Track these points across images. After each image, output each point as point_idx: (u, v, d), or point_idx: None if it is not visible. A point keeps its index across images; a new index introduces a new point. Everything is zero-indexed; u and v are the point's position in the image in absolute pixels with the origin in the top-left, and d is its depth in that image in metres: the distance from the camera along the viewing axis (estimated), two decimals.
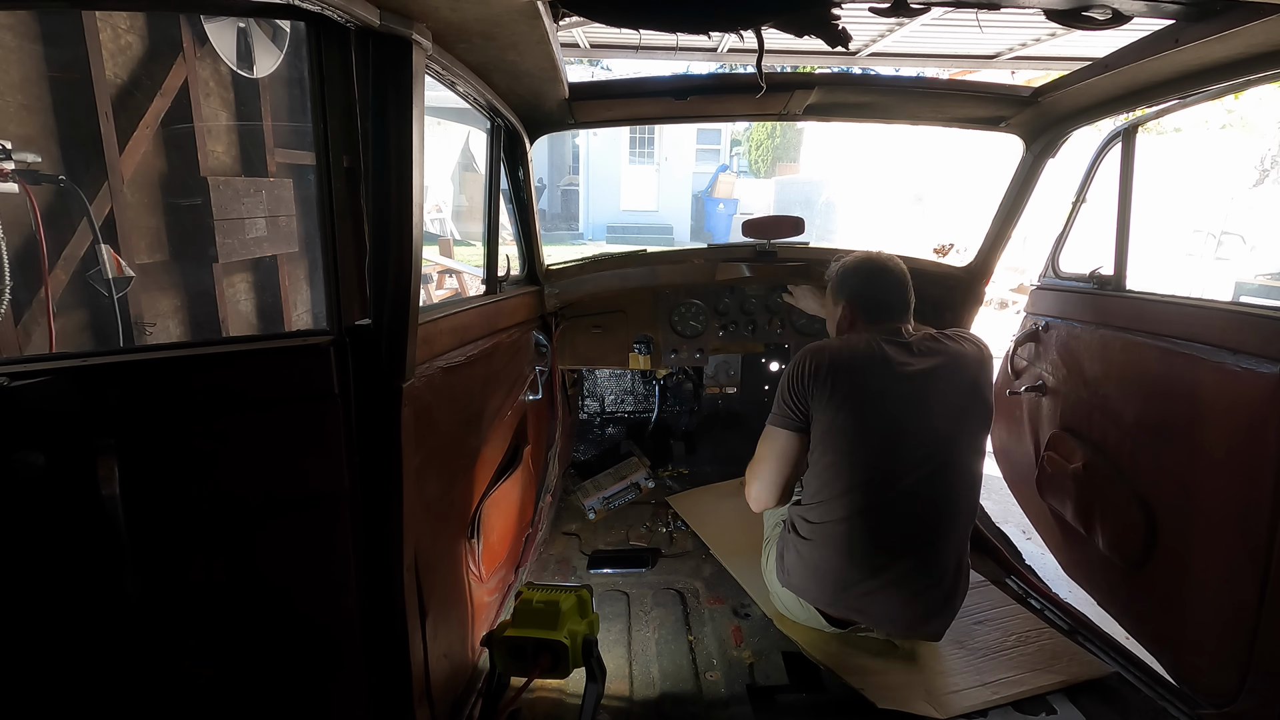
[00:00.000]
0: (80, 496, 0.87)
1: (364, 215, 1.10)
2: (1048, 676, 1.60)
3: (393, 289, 1.09)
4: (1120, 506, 1.72)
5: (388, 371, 1.12)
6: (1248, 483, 1.36)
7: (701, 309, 2.56)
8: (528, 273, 2.31)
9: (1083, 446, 1.89)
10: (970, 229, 2.89)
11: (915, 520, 1.58)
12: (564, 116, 2.00)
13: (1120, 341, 1.78)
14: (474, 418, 1.59)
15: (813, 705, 1.56)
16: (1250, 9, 1.13)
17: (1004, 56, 4.54)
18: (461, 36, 1.19)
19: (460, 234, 11.68)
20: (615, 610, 1.92)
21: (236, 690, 1.06)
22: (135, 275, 2.88)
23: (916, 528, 1.58)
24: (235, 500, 1.02)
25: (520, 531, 2.06)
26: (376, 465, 1.12)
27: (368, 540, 1.14)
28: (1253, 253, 7.75)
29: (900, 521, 1.57)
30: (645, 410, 2.97)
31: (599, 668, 1.39)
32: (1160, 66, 1.47)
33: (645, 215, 16.09)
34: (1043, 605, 1.95)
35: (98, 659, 0.93)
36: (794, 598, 1.74)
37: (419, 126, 1.07)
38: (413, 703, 1.23)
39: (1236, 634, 1.38)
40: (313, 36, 0.99)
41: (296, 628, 1.11)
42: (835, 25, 1.29)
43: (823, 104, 2.00)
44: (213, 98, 3.69)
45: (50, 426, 0.86)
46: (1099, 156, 2.02)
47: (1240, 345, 1.40)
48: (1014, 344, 2.34)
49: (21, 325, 2.53)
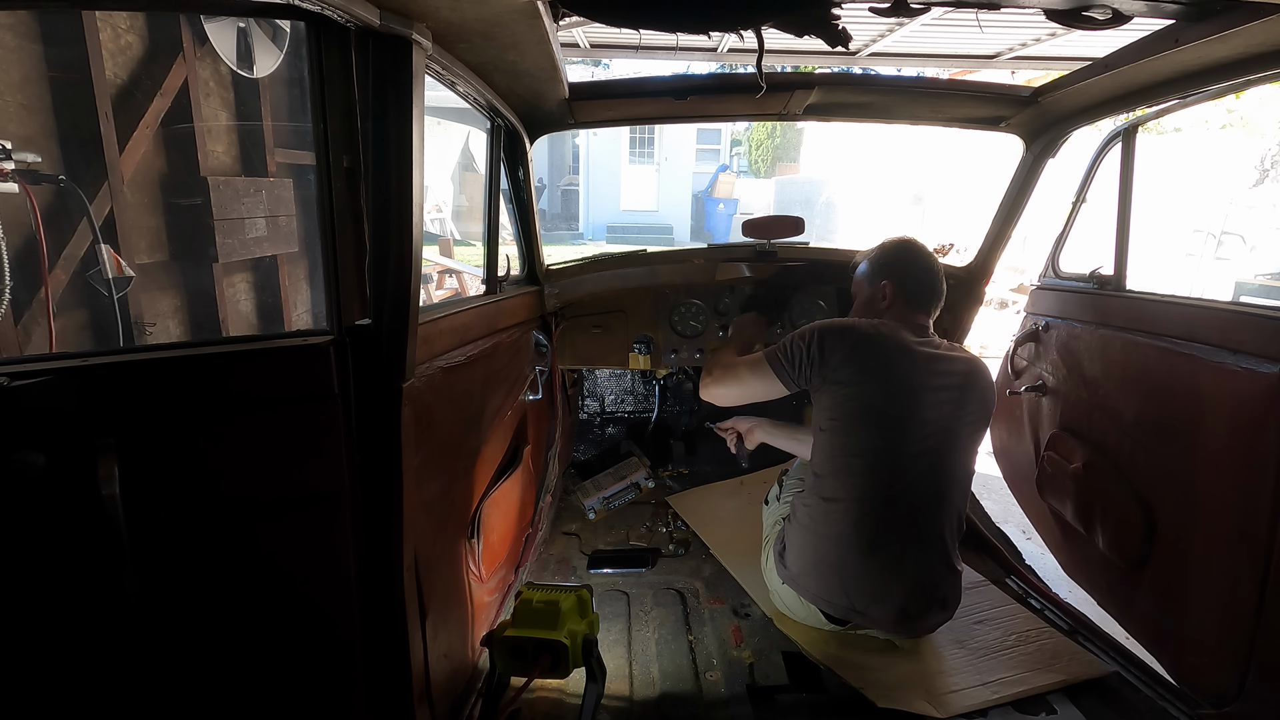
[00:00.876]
0: (80, 496, 0.87)
1: (364, 215, 1.10)
2: (1048, 676, 1.60)
3: (393, 289, 1.09)
4: (1121, 506, 1.72)
5: (388, 371, 1.12)
6: (1248, 483, 1.36)
7: (701, 309, 2.56)
8: (528, 273, 2.31)
9: (1083, 446, 1.89)
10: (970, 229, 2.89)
11: (915, 508, 1.62)
12: (564, 116, 2.00)
13: (1120, 341, 1.78)
14: (474, 418, 1.59)
15: (813, 705, 1.56)
16: (1250, 9, 1.13)
17: (1004, 56, 4.54)
18: (461, 36, 1.19)
19: (460, 234, 11.68)
20: (615, 610, 1.92)
21: (237, 690, 1.06)
22: (135, 275, 2.88)
23: (916, 515, 1.62)
24: (235, 500, 1.02)
25: (520, 531, 2.06)
26: (376, 465, 1.12)
27: (368, 540, 1.14)
28: (1253, 253, 7.75)
29: (902, 508, 1.61)
30: (645, 410, 2.97)
31: (599, 668, 1.39)
32: (1160, 66, 1.47)
33: (645, 215, 16.10)
34: (1043, 605, 1.95)
35: (98, 659, 0.93)
36: (794, 595, 1.74)
37: (419, 126, 1.07)
38: (413, 702, 1.23)
39: (1237, 634, 1.38)
40: (312, 36, 0.99)
41: (296, 627, 1.11)
42: (835, 25, 1.29)
43: (823, 104, 2.00)
44: (213, 97, 3.70)
45: (50, 426, 0.86)
46: (1099, 156, 2.02)
47: (1240, 345, 1.40)
48: (1014, 344, 2.34)
49: (21, 325, 2.53)
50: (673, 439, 2.96)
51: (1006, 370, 2.37)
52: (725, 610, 1.93)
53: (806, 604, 1.72)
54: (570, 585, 1.45)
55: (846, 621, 1.69)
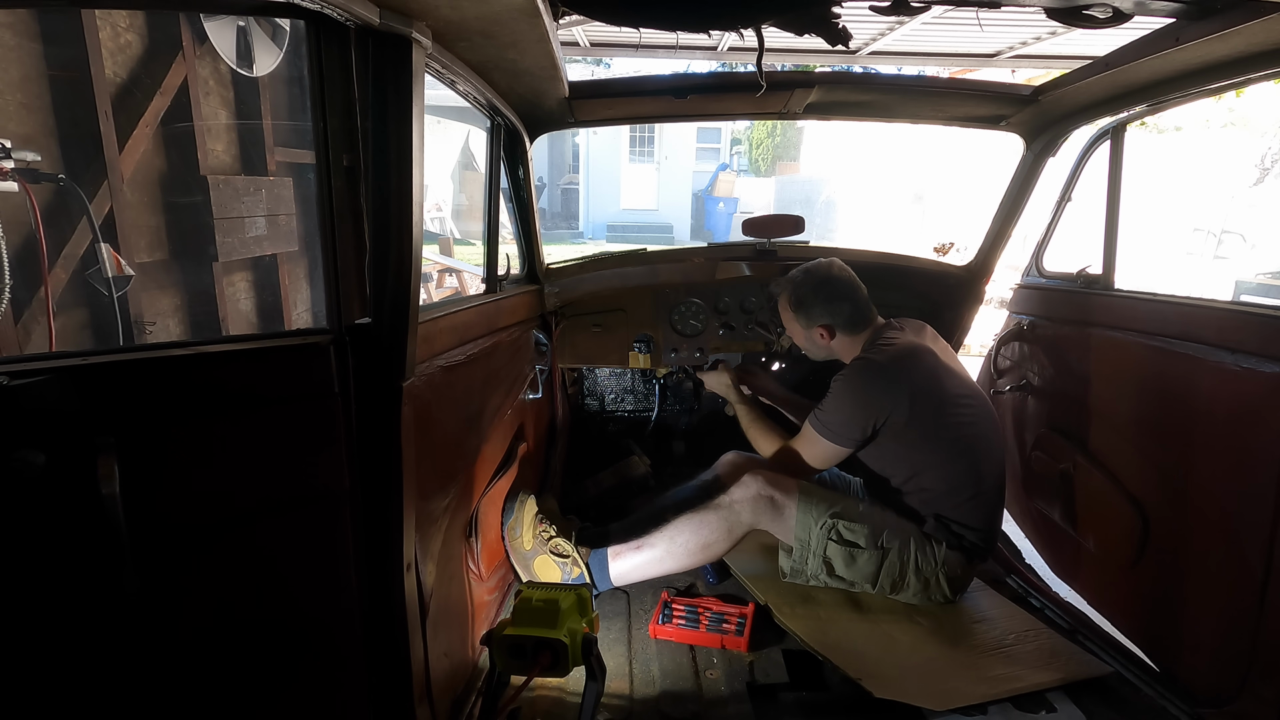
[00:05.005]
0: (80, 496, 0.87)
1: (364, 214, 1.10)
2: (1047, 674, 1.60)
3: (393, 287, 1.09)
4: (1113, 506, 1.72)
5: (388, 370, 1.11)
6: (1248, 483, 1.36)
7: (702, 308, 2.56)
8: (528, 271, 2.31)
9: (1072, 446, 1.89)
10: (970, 228, 2.89)
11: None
12: (564, 115, 2.00)
13: (1112, 341, 1.77)
14: (474, 416, 1.59)
15: (813, 703, 1.56)
16: (1250, 8, 1.13)
17: (1004, 55, 4.54)
18: (461, 35, 1.19)
19: (460, 233, 11.68)
20: (615, 609, 1.92)
21: (236, 689, 1.06)
22: (135, 274, 2.88)
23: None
24: (235, 499, 1.02)
25: None
26: (376, 464, 1.12)
27: (368, 539, 1.14)
28: (1253, 251, 7.75)
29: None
30: (645, 409, 2.97)
31: (599, 666, 1.39)
32: (1161, 65, 1.47)
33: (645, 214, 16.08)
34: (1042, 604, 1.95)
35: (98, 658, 0.93)
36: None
37: (419, 125, 1.07)
38: (413, 701, 1.23)
39: (1236, 633, 1.38)
40: (312, 35, 0.99)
41: (296, 626, 1.11)
42: (836, 23, 1.29)
43: (823, 103, 2.00)
44: (212, 96, 3.69)
45: (50, 426, 0.86)
46: (1085, 155, 2.02)
47: (1239, 345, 1.40)
48: (997, 343, 2.33)
49: (21, 324, 2.53)
50: (673, 438, 2.96)
51: (989, 370, 2.36)
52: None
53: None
54: (570, 584, 1.45)
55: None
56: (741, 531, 1.80)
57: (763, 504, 1.78)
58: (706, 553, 1.81)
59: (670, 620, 1.78)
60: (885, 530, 1.77)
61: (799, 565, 1.80)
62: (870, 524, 1.77)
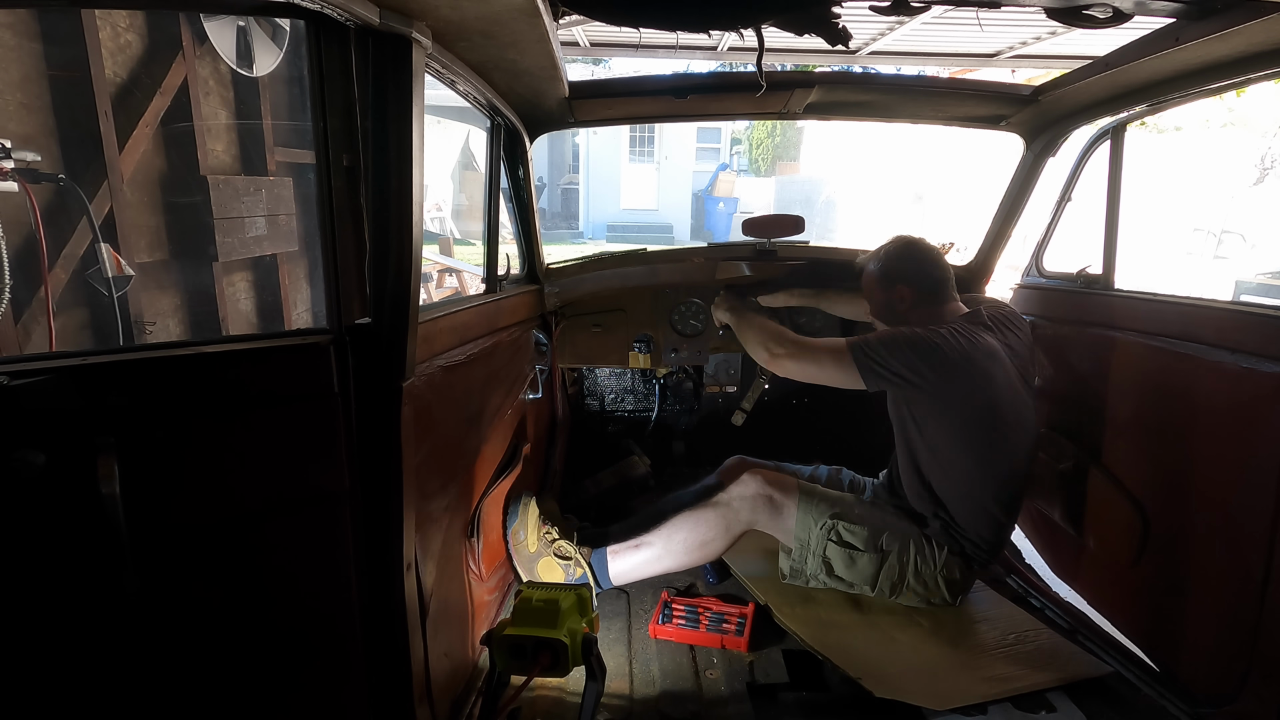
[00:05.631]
0: (80, 496, 0.87)
1: (364, 214, 1.10)
2: (1047, 674, 1.60)
3: (393, 287, 1.09)
4: (1114, 506, 1.72)
5: (388, 370, 1.11)
6: (1248, 482, 1.36)
7: (702, 308, 2.56)
8: (528, 271, 2.31)
9: (1073, 446, 1.89)
10: (971, 228, 2.89)
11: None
12: (564, 115, 2.00)
13: (1113, 341, 1.77)
14: (474, 416, 1.59)
15: (813, 703, 1.56)
16: (1250, 8, 1.13)
17: (1004, 55, 4.55)
18: (461, 35, 1.19)
19: (460, 233, 11.68)
20: (615, 609, 1.92)
21: (237, 689, 1.06)
22: (135, 274, 2.88)
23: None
24: (235, 499, 1.02)
25: None
26: (377, 464, 1.12)
27: (368, 539, 1.14)
28: (1253, 251, 7.75)
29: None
30: (645, 409, 2.97)
31: (599, 666, 1.39)
32: (1161, 65, 1.47)
33: (645, 214, 16.07)
34: (1043, 604, 1.95)
35: (98, 658, 0.93)
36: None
37: (419, 125, 1.07)
38: (413, 701, 1.23)
39: (1236, 633, 1.38)
40: (312, 35, 0.99)
41: (296, 627, 1.11)
42: (835, 23, 1.29)
43: (823, 103, 2.00)
44: (212, 96, 3.69)
45: (50, 426, 0.86)
46: (1085, 155, 2.02)
47: (1240, 345, 1.40)
48: None
49: (21, 324, 2.53)
50: (673, 438, 2.96)
51: None
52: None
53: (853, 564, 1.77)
54: (570, 584, 1.45)
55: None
56: (740, 530, 1.79)
57: (761, 503, 1.78)
58: (704, 551, 1.81)
59: (670, 620, 1.78)
60: (885, 533, 1.76)
61: (798, 566, 1.80)
62: (870, 526, 1.77)
